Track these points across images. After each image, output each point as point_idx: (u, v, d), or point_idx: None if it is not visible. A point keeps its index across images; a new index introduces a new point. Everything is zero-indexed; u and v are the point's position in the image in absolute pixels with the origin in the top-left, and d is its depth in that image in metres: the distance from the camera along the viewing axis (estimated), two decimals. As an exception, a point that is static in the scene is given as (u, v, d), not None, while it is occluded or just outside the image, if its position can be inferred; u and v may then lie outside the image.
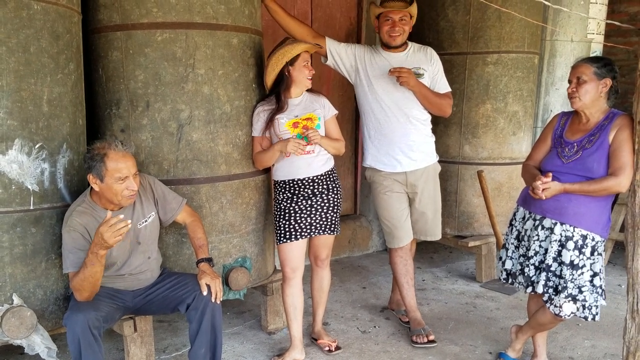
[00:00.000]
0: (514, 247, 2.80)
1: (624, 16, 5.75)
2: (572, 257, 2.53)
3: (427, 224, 3.32)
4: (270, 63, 2.80)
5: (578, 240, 2.53)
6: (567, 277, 2.52)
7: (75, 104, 2.51)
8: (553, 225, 2.56)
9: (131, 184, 2.34)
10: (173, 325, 3.43)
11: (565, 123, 2.67)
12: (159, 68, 2.68)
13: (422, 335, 3.17)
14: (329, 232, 2.96)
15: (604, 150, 2.47)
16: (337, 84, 4.63)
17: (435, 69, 3.22)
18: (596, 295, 2.56)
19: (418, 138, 3.17)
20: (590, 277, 2.54)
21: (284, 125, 2.80)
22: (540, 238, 2.62)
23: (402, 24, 3.08)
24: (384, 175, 3.21)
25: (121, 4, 2.66)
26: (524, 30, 3.96)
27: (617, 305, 3.75)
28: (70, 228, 2.31)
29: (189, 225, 2.65)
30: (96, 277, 2.25)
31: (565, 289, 2.53)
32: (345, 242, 4.86)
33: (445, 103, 3.20)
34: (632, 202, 2.33)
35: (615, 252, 4.79)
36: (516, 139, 4.12)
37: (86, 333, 2.20)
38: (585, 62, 2.54)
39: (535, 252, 2.64)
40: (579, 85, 2.52)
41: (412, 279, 3.32)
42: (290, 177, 2.86)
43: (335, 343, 3.11)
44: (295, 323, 2.97)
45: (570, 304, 2.55)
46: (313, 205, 2.88)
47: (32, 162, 2.32)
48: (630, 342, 2.40)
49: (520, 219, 2.77)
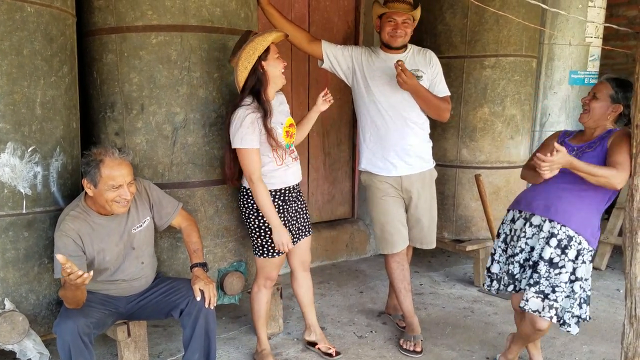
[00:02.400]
0: (502, 251, 2.78)
1: (622, 20, 5.75)
2: (552, 255, 2.51)
3: (423, 231, 3.27)
4: (241, 60, 2.52)
5: (563, 240, 2.51)
6: (541, 273, 2.51)
7: (69, 107, 2.49)
8: (542, 222, 2.56)
9: (124, 192, 2.30)
10: (168, 330, 3.41)
11: (570, 136, 2.72)
12: (154, 71, 2.66)
13: (410, 343, 3.14)
14: (311, 232, 2.97)
15: (603, 154, 2.49)
16: (334, 88, 4.60)
17: (434, 72, 3.18)
18: (573, 302, 2.53)
19: (415, 141, 3.13)
20: (569, 279, 2.52)
21: (282, 136, 2.66)
22: (527, 235, 2.61)
23: (405, 26, 3.05)
24: (380, 180, 3.17)
25: (116, 7, 2.64)
26: (521, 34, 3.95)
27: (616, 310, 3.73)
28: (62, 233, 2.28)
29: (184, 230, 2.62)
30: (77, 299, 2.23)
31: (537, 284, 2.51)
32: (342, 246, 4.84)
33: (444, 107, 3.15)
34: (630, 206, 2.32)
35: (613, 256, 4.77)
36: (514, 142, 4.11)
37: (76, 340, 2.18)
38: (608, 82, 2.55)
39: (521, 250, 2.63)
40: (592, 100, 2.56)
41: (410, 283, 3.28)
42: (284, 185, 2.74)
43: (335, 349, 3.09)
44: (264, 327, 2.99)
45: (537, 300, 2.51)
46: (297, 210, 2.85)
47: (24, 165, 2.30)
48: (628, 347, 2.38)
49: (509, 221, 2.76)
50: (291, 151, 2.77)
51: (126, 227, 2.45)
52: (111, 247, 2.40)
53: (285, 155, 2.72)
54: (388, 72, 3.07)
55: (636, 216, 2.29)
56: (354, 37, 4.70)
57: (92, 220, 2.35)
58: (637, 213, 2.29)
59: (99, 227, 2.37)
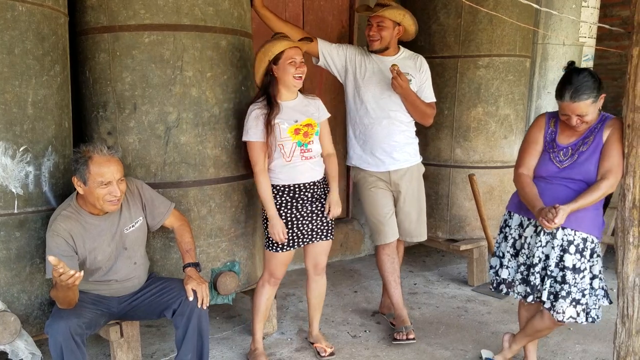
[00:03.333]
0: (510, 256, 2.73)
1: (616, 20, 5.77)
2: (574, 261, 2.49)
3: (412, 224, 3.36)
4: (256, 62, 2.74)
5: (579, 244, 2.50)
6: (570, 282, 2.48)
7: (61, 107, 2.48)
8: (555, 230, 2.52)
9: (114, 189, 2.29)
10: (161, 330, 3.40)
11: (556, 125, 2.61)
12: (147, 70, 2.65)
13: (402, 334, 3.20)
14: (330, 237, 2.95)
15: (600, 151, 2.45)
16: (329, 87, 4.61)
17: (423, 78, 3.28)
18: (595, 298, 2.54)
19: (401, 139, 3.24)
20: (590, 279, 2.53)
21: (286, 132, 2.72)
22: (542, 244, 2.57)
23: (379, 29, 3.12)
24: (369, 174, 3.29)
25: (108, 6, 2.63)
26: (515, 34, 3.96)
27: (609, 309, 3.72)
28: (54, 233, 2.27)
29: (177, 230, 2.62)
30: (69, 299, 2.22)
31: (569, 294, 2.49)
32: (337, 245, 4.83)
33: (429, 112, 3.27)
34: (622, 206, 2.33)
35: (607, 255, 4.78)
36: (507, 142, 4.12)
37: (68, 340, 2.16)
38: (580, 100, 2.39)
39: (539, 260, 2.57)
40: (583, 122, 2.45)
41: (399, 277, 3.35)
42: (292, 181, 2.79)
43: (332, 349, 3.09)
44: (261, 325, 3.01)
45: (571, 308, 2.51)
46: (314, 211, 2.86)
47: (16, 165, 2.29)
48: (620, 346, 2.39)
49: (516, 226, 2.71)
50: (304, 150, 2.78)
51: (118, 228, 2.44)
52: (103, 247, 2.39)
53: (294, 153, 2.75)
54: (378, 74, 3.18)
55: (628, 215, 2.30)
56: (348, 36, 4.70)
57: (84, 220, 2.34)
58: (629, 212, 2.30)
59: (91, 227, 2.36)
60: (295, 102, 2.81)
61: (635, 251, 2.29)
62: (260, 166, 2.71)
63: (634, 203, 2.28)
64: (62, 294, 2.17)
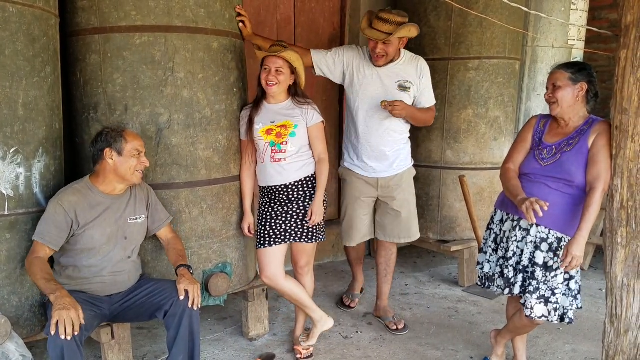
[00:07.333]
0: (492, 250, 2.80)
1: (604, 22, 5.82)
2: (546, 259, 2.54)
3: (402, 224, 3.40)
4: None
5: (553, 243, 2.53)
6: (539, 279, 2.53)
7: (52, 108, 2.48)
8: (529, 227, 2.57)
9: (144, 160, 2.49)
10: (153, 332, 3.39)
11: (545, 126, 2.67)
12: (138, 72, 2.65)
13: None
14: (305, 240, 2.92)
15: (583, 154, 2.47)
16: (320, 89, 4.62)
17: (423, 85, 3.28)
18: (572, 299, 2.57)
19: (394, 147, 3.28)
20: (564, 279, 2.55)
21: (258, 132, 2.83)
22: (517, 239, 2.62)
23: (386, 45, 3.08)
24: (357, 177, 3.35)
25: (99, 7, 2.63)
26: (505, 36, 3.99)
27: (598, 309, 3.77)
28: (59, 201, 2.34)
29: (171, 240, 2.68)
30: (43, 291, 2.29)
31: (537, 290, 2.53)
32: (329, 247, 4.84)
33: (430, 117, 3.35)
34: (610, 207, 2.35)
35: (596, 256, 4.83)
36: (497, 144, 4.14)
37: (70, 342, 2.14)
38: (560, 69, 2.58)
39: (513, 253, 2.64)
40: (555, 91, 2.55)
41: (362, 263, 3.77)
42: (265, 183, 2.91)
43: (309, 351, 3.07)
44: (308, 300, 3.04)
45: (541, 306, 2.54)
46: (288, 212, 2.88)
47: (6, 166, 2.28)
48: (609, 346, 2.42)
49: (498, 221, 2.78)
50: (276, 151, 2.80)
51: (123, 215, 2.50)
52: (103, 225, 2.43)
53: (266, 154, 2.83)
54: (376, 82, 3.20)
55: (616, 216, 2.33)
56: (340, 38, 4.71)
57: (93, 198, 2.43)
58: (617, 213, 2.32)
59: (98, 205, 2.43)
60: (280, 105, 2.87)
61: (624, 251, 2.32)
62: (243, 161, 2.98)
63: (622, 204, 2.30)
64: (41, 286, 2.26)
